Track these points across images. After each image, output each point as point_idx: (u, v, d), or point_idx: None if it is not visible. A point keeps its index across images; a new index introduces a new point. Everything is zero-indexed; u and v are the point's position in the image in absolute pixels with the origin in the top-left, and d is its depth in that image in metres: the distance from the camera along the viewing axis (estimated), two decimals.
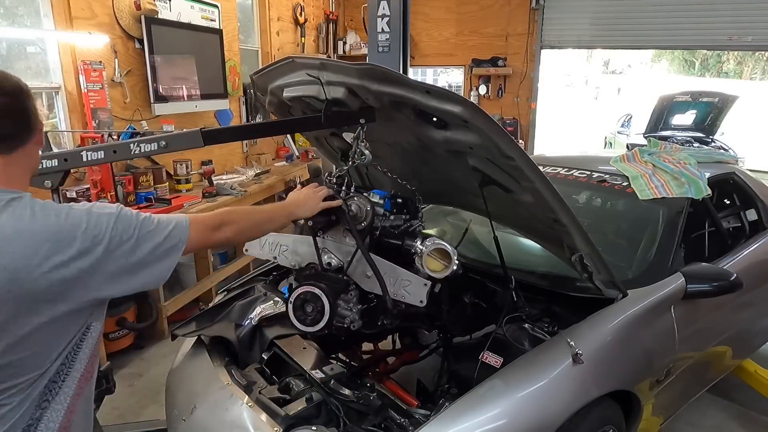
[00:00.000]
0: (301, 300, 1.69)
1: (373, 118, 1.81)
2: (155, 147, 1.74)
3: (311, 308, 1.68)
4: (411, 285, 1.74)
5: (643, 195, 2.55)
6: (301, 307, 1.69)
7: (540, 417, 1.66)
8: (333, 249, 1.83)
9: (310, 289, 1.67)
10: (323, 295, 1.66)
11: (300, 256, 1.86)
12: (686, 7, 6.17)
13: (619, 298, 2.01)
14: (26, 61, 3.51)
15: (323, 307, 1.67)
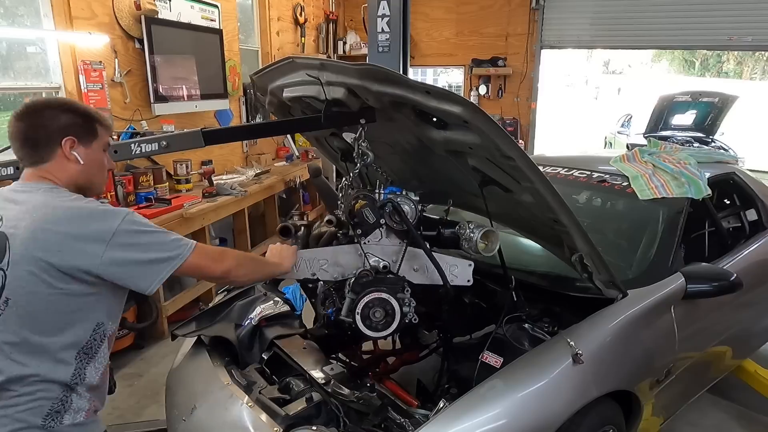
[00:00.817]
0: (368, 309, 1.70)
1: (373, 118, 1.82)
2: (156, 147, 1.75)
3: (379, 313, 1.70)
4: (458, 268, 1.84)
5: (643, 195, 2.55)
6: (368, 315, 1.70)
7: (540, 417, 1.66)
8: (377, 252, 1.82)
9: (378, 295, 1.69)
10: (391, 298, 1.69)
11: (342, 266, 1.84)
12: (686, 7, 6.17)
13: (619, 298, 2.01)
14: (26, 61, 3.51)
15: (393, 310, 1.70)
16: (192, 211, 3.74)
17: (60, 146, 1.30)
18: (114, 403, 2.89)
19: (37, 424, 1.23)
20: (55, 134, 1.30)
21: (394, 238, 1.82)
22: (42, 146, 1.30)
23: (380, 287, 1.72)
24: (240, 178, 4.75)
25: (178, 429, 1.94)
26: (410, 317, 1.76)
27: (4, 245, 1.20)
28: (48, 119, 1.29)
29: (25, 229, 1.20)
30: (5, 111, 3.50)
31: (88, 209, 1.26)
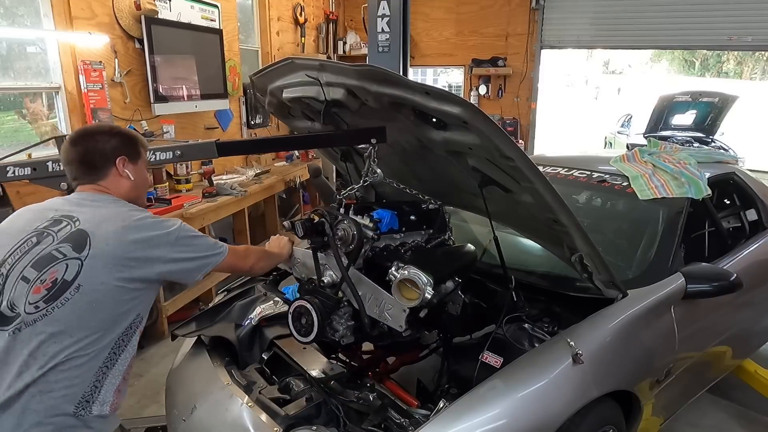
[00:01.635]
0: (297, 312, 1.79)
1: (384, 138, 1.85)
2: (170, 156, 1.84)
3: (305, 321, 1.76)
4: (392, 309, 1.73)
5: (643, 195, 2.55)
6: (298, 319, 1.78)
7: (540, 417, 1.66)
8: (333, 267, 1.84)
9: (303, 303, 1.77)
10: (313, 310, 1.74)
11: (308, 269, 1.93)
12: (686, 7, 6.17)
13: (619, 298, 2.01)
14: (26, 61, 3.51)
15: (312, 322, 1.73)
16: (192, 211, 3.74)
17: (114, 165, 1.52)
18: None
19: (69, 411, 1.32)
20: (110, 154, 1.52)
21: None
22: (99, 166, 1.51)
23: (313, 298, 1.77)
24: (240, 178, 4.75)
25: (178, 429, 1.95)
26: (340, 336, 1.78)
27: (85, 239, 1.36)
28: (102, 143, 1.51)
29: (105, 231, 1.38)
30: (5, 111, 3.50)
31: (153, 220, 1.48)
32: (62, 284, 1.33)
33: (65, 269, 1.33)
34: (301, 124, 2.37)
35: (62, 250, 1.36)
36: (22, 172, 1.78)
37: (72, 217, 1.42)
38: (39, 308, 1.31)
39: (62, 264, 1.34)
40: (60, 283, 1.33)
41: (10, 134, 3.49)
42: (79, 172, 1.52)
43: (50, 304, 1.32)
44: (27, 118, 3.46)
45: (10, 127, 3.49)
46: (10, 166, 1.77)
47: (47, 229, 1.40)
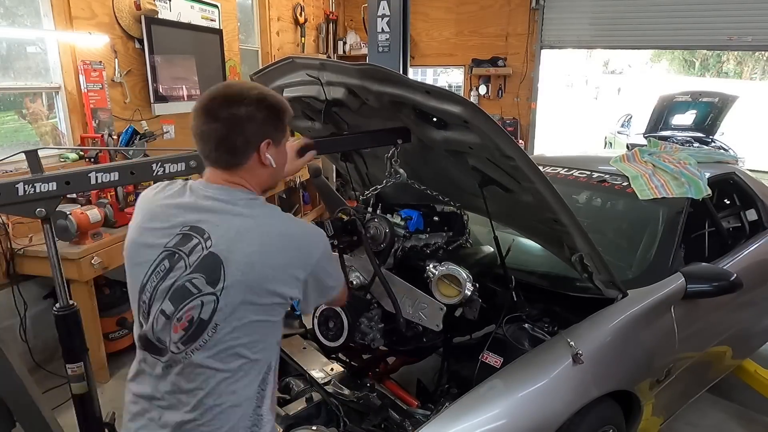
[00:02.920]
0: (324, 316, 1.75)
1: (408, 138, 1.78)
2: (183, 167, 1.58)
3: (333, 324, 1.75)
4: (427, 308, 1.75)
5: (643, 195, 2.55)
6: (325, 323, 1.75)
7: (540, 417, 1.66)
8: (359, 268, 1.84)
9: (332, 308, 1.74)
10: (343, 312, 1.72)
11: None
12: (686, 7, 6.17)
13: (619, 298, 2.01)
14: (26, 61, 3.51)
15: (342, 325, 1.73)
16: None
17: (257, 151, 1.21)
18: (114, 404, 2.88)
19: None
20: (253, 138, 1.20)
21: None
22: (239, 153, 1.20)
23: None
24: None
25: None
26: (370, 340, 1.77)
27: (219, 268, 1.14)
28: (247, 119, 1.18)
29: (241, 254, 1.15)
30: (5, 111, 3.50)
31: (296, 235, 1.23)
32: (199, 324, 1.15)
33: (201, 307, 1.14)
34: (301, 124, 2.37)
35: (196, 284, 1.15)
36: None
37: (202, 233, 1.17)
38: (180, 349, 1.16)
39: (197, 300, 1.15)
40: (197, 322, 1.15)
41: (10, 134, 3.49)
42: (212, 154, 1.21)
43: (189, 347, 1.15)
44: (27, 118, 3.46)
45: (10, 127, 3.49)
46: None
47: (178, 250, 1.18)
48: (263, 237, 1.18)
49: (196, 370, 1.16)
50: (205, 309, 1.14)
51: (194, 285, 1.15)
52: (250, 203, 1.21)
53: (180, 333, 1.15)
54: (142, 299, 1.20)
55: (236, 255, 1.14)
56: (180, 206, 1.22)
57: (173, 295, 1.16)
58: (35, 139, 3.52)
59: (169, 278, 1.17)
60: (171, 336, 1.16)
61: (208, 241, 1.16)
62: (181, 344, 1.16)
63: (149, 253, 1.20)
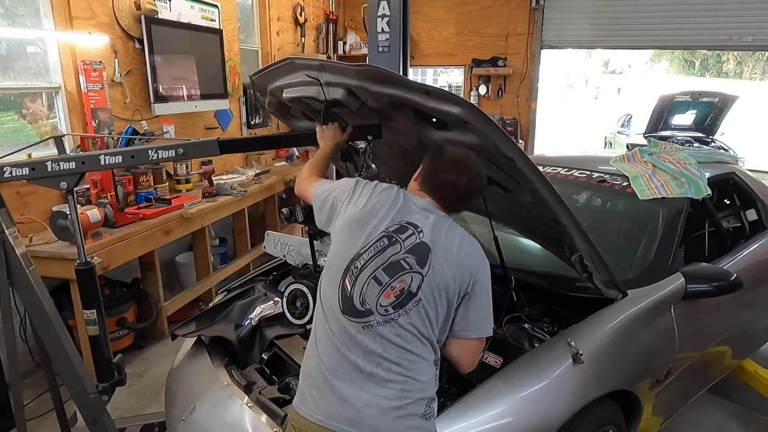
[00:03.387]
0: (292, 296, 1.88)
1: (379, 134, 1.91)
2: (173, 154, 1.82)
3: (299, 303, 1.86)
4: None
5: (643, 195, 2.55)
6: (293, 302, 1.88)
7: (540, 417, 1.66)
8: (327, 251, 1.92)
9: (298, 286, 1.86)
10: (309, 292, 1.84)
11: (302, 256, 2.04)
12: (686, 7, 6.17)
13: (619, 298, 2.01)
14: (26, 61, 3.51)
15: (308, 303, 1.84)
16: (192, 211, 3.74)
17: None
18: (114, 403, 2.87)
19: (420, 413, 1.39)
20: None
21: None
22: None
23: (310, 281, 1.87)
24: (240, 178, 4.75)
25: (178, 429, 1.95)
26: None
27: (427, 255, 1.44)
28: None
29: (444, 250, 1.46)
30: (5, 111, 3.50)
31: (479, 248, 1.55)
32: (408, 294, 1.40)
33: (411, 280, 1.41)
34: (301, 124, 2.37)
35: (408, 261, 1.42)
36: (20, 172, 1.74)
37: (417, 227, 1.48)
38: (388, 312, 1.40)
39: (409, 275, 1.41)
40: (406, 293, 1.40)
41: (10, 134, 3.49)
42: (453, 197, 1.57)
43: (397, 311, 1.40)
44: (27, 118, 3.46)
45: (10, 127, 3.49)
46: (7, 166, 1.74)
47: (396, 234, 1.47)
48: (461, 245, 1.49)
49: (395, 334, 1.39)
50: (413, 283, 1.41)
51: (407, 262, 1.43)
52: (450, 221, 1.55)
53: (392, 299, 1.40)
54: (354, 265, 1.45)
55: (440, 249, 1.44)
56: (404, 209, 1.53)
57: (389, 267, 1.42)
58: (35, 139, 3.52)
59: (385, 254, 1.44)
60: (380, 300, 1.40)
61: (421, 233, 1.46)
62: (391, 308, 1.40)
63: (372, 230, 1.48)
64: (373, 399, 1.35)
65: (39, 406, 2.77)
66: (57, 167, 1.75)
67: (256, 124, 5.70)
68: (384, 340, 1.38)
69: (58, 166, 1.75)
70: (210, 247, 4.24)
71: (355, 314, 1.41)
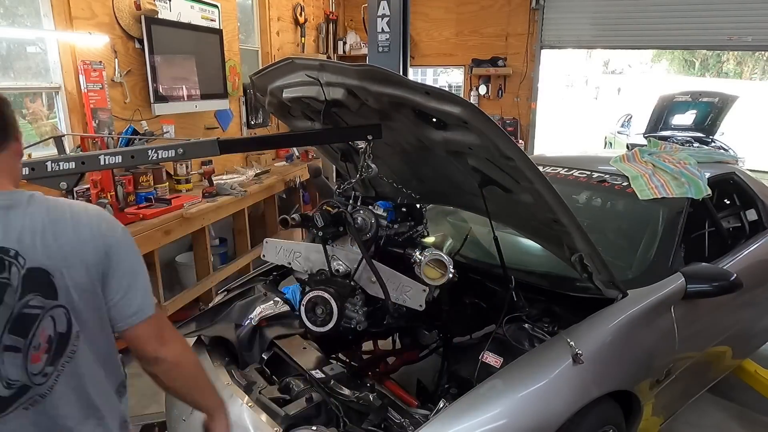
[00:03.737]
0: (312, 303, 1.84)
1: (379, 134, 1.88)
2: (172, 154, 1.81)
3: (321, 311, 1.83)
4: (411, 291, 1.85)
5: (643, 195, 2.55)
6: (312, 310, 1.84)
7: (540, 417, 1.66)
8: (341, 257, 1.94)
9: (320, 293, 1.83)
10: (332, 299, 1.81)
11: (311, 262, 2.00)
12: (686, 7, 6.17)
13: (619, 298, 2.01)
14: (26, 61, 3.51)
15: (332, 310, 1.82)
16: (192, 211, 3.74)
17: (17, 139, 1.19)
18: None
19: None
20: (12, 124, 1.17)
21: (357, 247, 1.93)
22: None
23: (328, 287, 1.85)
24: (240, 178, 4.75)
25: (178, 429, 1.94)
26: (356, 323, 1.88)
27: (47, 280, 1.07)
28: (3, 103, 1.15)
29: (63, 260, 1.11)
30: None
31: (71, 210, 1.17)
32: (60, 339, 1.09)
33: (53, 323, 1.07)
34: (301, 124, 2.37)
35: (33, 304, 1.05)
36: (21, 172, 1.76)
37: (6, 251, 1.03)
38: (48, 374, 1.08)
39: (47, 319, 1.06)
40: (57, 338, 1.08)
41: None
42: None
43: (57, 364, 1.09)
44: (27, 118, 3.46)
45: None
46: None
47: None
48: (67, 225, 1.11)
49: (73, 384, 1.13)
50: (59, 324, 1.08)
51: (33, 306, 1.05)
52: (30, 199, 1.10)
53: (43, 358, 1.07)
54: None
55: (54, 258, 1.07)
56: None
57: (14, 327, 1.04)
58: (35, 139, 3.52)
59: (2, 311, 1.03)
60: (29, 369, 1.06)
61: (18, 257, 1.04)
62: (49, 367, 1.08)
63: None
64: None
65: None
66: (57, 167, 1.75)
67: (256, 124, 5.70)
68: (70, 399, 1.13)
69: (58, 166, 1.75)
70: (210, 247, 4.24)
71: None
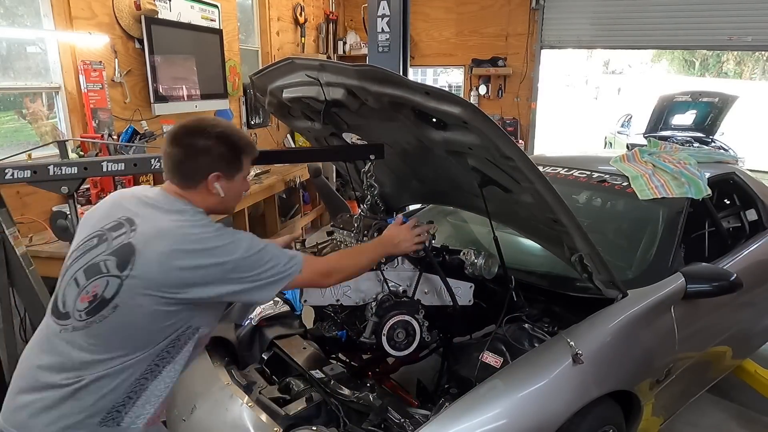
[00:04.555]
0: (392, 330, 1.85)
1: (381, 154, 1.94)
2: None
3: (401, 334, 1.86)
4: (461, 290, 2.01)
5: (643, 195, 2.55)
6: (393, 336, 1.85)
7: (540, 417, 1.66)
8: (393, 277, 1.95)
9: (402, 318, 1.85)
10: (412, 319, 1.86)
11: (363, 292, 1.95)
12: (686, 7, 6.18)
13: (619, 298, 2.01)
14: (26, 61, 3.51)
15: (414, 330, 1.87)
16: None
17: (206, 180, 1.37)
18: None
19: (95, 421, 1.27)
20: (204, 169, 1.36)
21: (408, 264, 1.97)
22: (189, 177, 1.37)
23: (402, 310, 1.87)
24: None
25: (178, 429, 1.94)
26: (425, 336, 1.92)
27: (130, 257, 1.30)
28: (200, 152, 1.34)
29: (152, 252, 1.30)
30: (5, 111, 3.50)
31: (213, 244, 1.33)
32: (101, 301, 1.27)
33: (105, 286, 1.27)
34: (301, 124, 2.37)
35: (108, 264, 1.29)
36: (21, 174, 1.74)
37: (132, 223, 1.32)
38: (82, 318, 1.28)
39: (104, 279, 1.28)
40: (99, 299, 1.27)
41: (10, 134, 3.49)
42: (169, 173, 1.39)
43: (90, 318, 1.28)
44: (27, 118, 3.46)
45: (10, 127, 3.49)
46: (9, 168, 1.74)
47: (108, 233, 1.34)
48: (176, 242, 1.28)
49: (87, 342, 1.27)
50: (108, 289, 1.27)
51: (105, 265, 1.29)
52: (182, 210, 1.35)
53: (85, 304, 1.28)
54: (67, 263, 1.36)
55: (149, 250, 1.27)
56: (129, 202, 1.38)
57: (88, 268, 1.31)
58: (35, 139, 3.52)
59: (90, 254, 1.32)
60: (76, 304, 1.29)
61: (133, 232, 1.30)
62: (84, 313, 1.28)
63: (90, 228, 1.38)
64: None
65: None
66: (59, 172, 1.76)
67: (256, 124, 5.70)
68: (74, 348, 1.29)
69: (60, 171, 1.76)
70: None
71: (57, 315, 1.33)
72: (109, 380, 1.27)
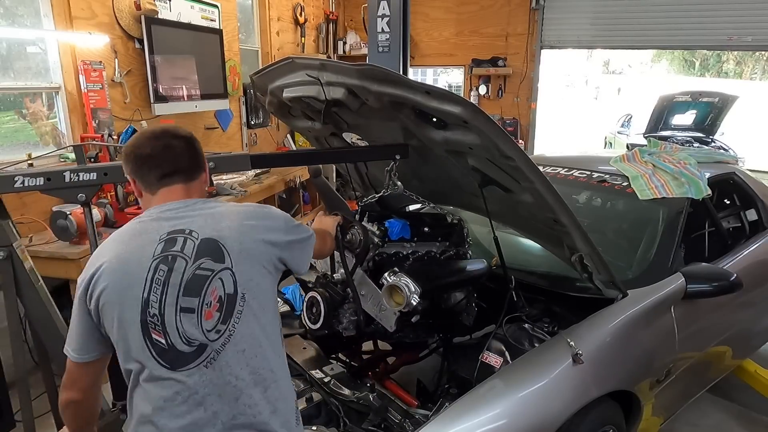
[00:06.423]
0: (310, 302, 1.93)
1: (406, 154, 1.95)
2: None
3: (315, 310, 1.91)
4: (386, 311, 1.84)
5: (643, 195, 2.55)
6: (310, 308, 1.93)
7: (540, 417, 1.66)
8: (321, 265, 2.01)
9: (314, 294, 1.92)
10: (322, 301, 1.88)
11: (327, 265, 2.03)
12: (686, 7, 6.17)
13: (619, 298, 2.01)
14: (26, 61, 3.51)
15: (320, 310, 1.89)
16: None
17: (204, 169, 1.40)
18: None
19: None
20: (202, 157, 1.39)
21: None
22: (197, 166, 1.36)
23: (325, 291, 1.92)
24: (240, 178, 4.75)
25: None
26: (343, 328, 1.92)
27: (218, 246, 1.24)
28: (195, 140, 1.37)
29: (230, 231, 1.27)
30: (5, 111, 3.50)
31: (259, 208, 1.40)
32: (228, 299, 1.21)
33: (222, 284, 1.21)
34: (301, 124, 2.37)
35: (205, 266, 1.21)
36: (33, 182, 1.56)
37: (184, 231, 1.24)
38: (220, 332, 1.19)
39: (216, 280, 1.21)
40: (226, 298, 1.21)
41: (10, 134, 3.49)
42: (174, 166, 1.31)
43: (226, 325, 1.20)
44: (27, 118, 3.46)
45: (10, 127, 3.49)
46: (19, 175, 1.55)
47: (169, 252, 1.21)
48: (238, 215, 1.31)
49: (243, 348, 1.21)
50: (227, 285, 1.22)
51: (204, 269, 1.21)
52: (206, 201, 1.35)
53: (215, 316, 1.20)
54: (150, 314, 1.18)
55: (226, 232, 1.25)
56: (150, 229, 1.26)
57: (188, 288, 1.19)
58: (35, 139, 3.52)
59: (174, 278, 1.19)
60: (204, 326, 1.19)
61: (193, 233, 1.24)
62: (221, 325, 1.20)
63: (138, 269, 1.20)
64: None
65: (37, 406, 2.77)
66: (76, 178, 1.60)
67: (256, 124, 5.70)
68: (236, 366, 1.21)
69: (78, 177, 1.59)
70: None
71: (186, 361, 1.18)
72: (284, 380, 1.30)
